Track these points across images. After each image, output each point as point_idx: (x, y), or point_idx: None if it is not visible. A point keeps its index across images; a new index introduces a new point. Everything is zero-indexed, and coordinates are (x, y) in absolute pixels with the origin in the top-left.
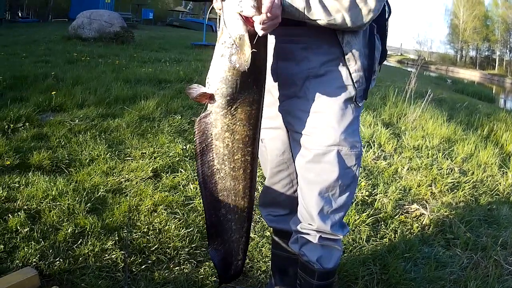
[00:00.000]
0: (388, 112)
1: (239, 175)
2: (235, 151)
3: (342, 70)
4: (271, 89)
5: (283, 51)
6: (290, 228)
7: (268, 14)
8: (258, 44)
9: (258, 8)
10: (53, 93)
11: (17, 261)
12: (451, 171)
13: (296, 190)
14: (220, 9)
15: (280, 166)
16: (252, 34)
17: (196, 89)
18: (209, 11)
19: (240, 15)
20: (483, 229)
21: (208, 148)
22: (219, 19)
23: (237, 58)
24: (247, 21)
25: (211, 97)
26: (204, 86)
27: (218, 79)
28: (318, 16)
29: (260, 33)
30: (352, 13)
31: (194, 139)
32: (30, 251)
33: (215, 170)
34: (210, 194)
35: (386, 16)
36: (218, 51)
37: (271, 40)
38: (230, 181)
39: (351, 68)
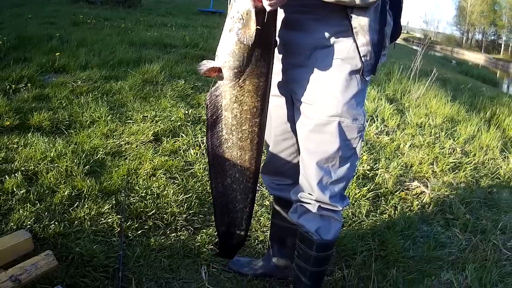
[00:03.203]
0: (393, 88)
1: (246, 145)
2: (243, 121)
3: (350, 42)
4: (279, 57)
5: (293, 21)
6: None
7: None
8: (267, 19)
9: None
10: (56, 54)
11: (12, 224)
12: (453, 151)
13: None
14: None
15: (284, 135)
16: (260, 10)
17: (205, 64)
18: None
19: None
20: (483, 211)
21: (218, 119)
22: None
23: (243, 33)
24: None
25: (219, 70)
26: (212, 59)
27: (226, 52)
28: None
29: (268, 8)
30: None
31: (206, 112)
32: (25, 213)
33: (223, 140)
34: (218, 164)
35: None
36: (227, 25)
37: (281, 10)
38: (237, 151)
39: (359, 41)
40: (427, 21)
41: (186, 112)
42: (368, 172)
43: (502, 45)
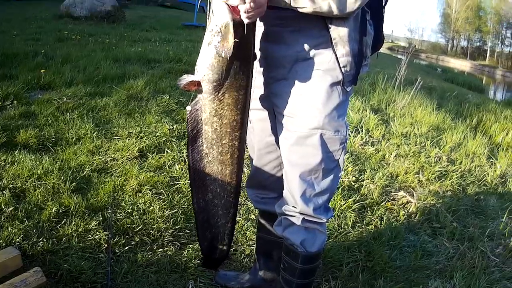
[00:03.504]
0: (377, 98)
1: (226, 160)
2: (223, 135)
3: (330, 54)
4: (260, 71)
5: (273, 34)
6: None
7: (252, 4)
8: (245, 31)
9: None
10: (42, 71)
11: (1, 241)
12: (439, 160)
13: None
14: None
15: (268, 148)
16: (238, 22)
17: (185, 79)
18: None
19: (227, 4)
20: (470, 219)
21: (198, 133)
22: (209, 6)
23: (221, 46)
24: (234, 10)
25: (199, 84)
26: (193, 74)
27: (205, 65)
28: (303, 4)
29: (246, 21)
30: (338, 1)
31: (187, 127)
32: (14, 230)
33: (203, 154)
34: (199, 179)
35: (383, 2)
36: (206, 39)
37: (261, 23)
38: (218, 165)
39: (338, 52)
40: (412, 29)
41: (171, 127)
42: (353, 183)
43: (488, 51)
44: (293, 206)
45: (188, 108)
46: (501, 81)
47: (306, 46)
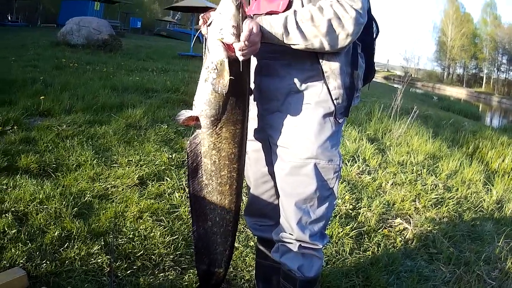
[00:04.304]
0: (374, 127)
1: (225, 190)
2: (221, 167)
3: (322, 86)
4: (255, 103)
5: (266, 67)
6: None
7: (246, 42)
8: (240, 67)
9: (238, 36)
10: (41, 98)
11: (4, 262)
12: (436, 187)
13: None
14: (206, 34)
15: (264, 177)
16: (234, 59)
17: (184, 114)
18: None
19: (222, 42)
20: (466, 244)
21: (198, 165)
22: (205, 44)
23: (217, 82)
24: (229, 47)
25: (197, 119)
26: (190, 109)
27: (202, 101)
28: (296, 41)
29: (241, 58)
30: (329, 38)
31: (187, 159)
32: (17, 252)
33: (203, 185)
34: (199, 208)
35: (374, 35)
36: (202, 76)
37: (254, 57)
38: (217, 196)
39: (331, 85)
40: (407, 58)
41: (170, 156)
42: (350, 211)
43: (484, 78)
44: (289, 233)
45: (187, 142)
46: (497, 107)
47: (297, 79)
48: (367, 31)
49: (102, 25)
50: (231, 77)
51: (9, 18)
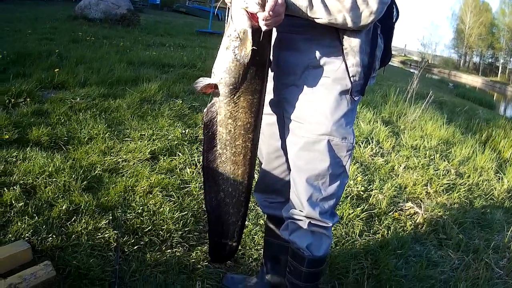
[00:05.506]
0: (389, 110)
1: (239, 160)
2: (236, 136)
3: (340, 63)
4: (272, 76)
5: (286, 41)
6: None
7: (271, 12)
8: (262, 38)
9: (263, 5)
10: (56, 70)
11: (10, 235)
12: (448, 173)
13: None
14: (229, 2)
15: (276, 152)
16: (256, 29)
17: (202, 81)
18: (216, 1)
19: (246, 11)
20: (475, 231)
21: (213, 134)
22: (228, 11)
23: (239, 51)
24: (252, 17)
25: (215, 87)
26: (208, 77)
27: (222, 69)
28: (319, 15)
29: (264, 28)
30: (353, 14)
31: (203, 128)
32: (23, 225)
33: (217, 154)
34: (212, 178)
35: (394, 19)
36: (223, 43)
37: (275, 29)
38: (231, 166)
39: (349, 62)
40: (425, 44)
41: (183, 131)
42: (362, 193)
43: (500, 68)
44: (299, 210)
45: (204, 110)
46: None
47: (317, 54)
48: (387, 13)
49: (120, 0)
50: (253, 47)
51: None
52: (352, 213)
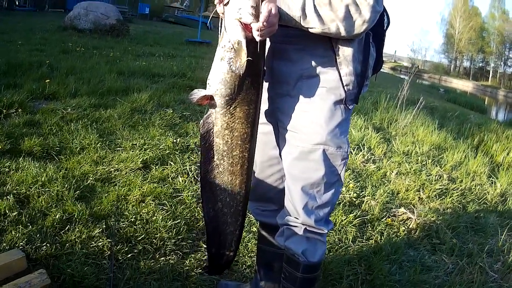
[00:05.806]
0: (380, 116)
1: (236, 170)
2: (233, 147)
3: (334, 72)
4: (266, 86)
5: (279, 51)
6: (277, 222)
7: (265, 23)
8: (257, 48)
9: (256, 16)
10: (46, 81)
11: (4, 244)
12: (440, 178)
13: None
14: (222, 13)
15: (270, 161)
16: (250, 40)
17: (197, 93)
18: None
19: (240, 21)
20: (469, 236)
21: (210, 145)
22: (221, 22)
23: (234, 62)
24: (246, 27)
25: (211, 98)
26: (202, 88)
27: (217, 80)
28: (313, 24)
29: (258, 39)
30: (346, 23)
31: (200, 139)
32: (17, 234)
33: (214, 165)
34: (209, 189)
35: (385, 26)
36: (218, 54)
37: (268, 40)
38: (228, 176)
39: (342, 71)
40: (415, 50)
41: (175, 140)
42: (354, 199)
43: (490, 72)
44: (295, 217)
45: (200, 122)
46: (503, 101)
47: (311, 64)
48: (379, 21)
49: (110, 10)
50: (248, 58)
51: (17, 3)
52: (345, 219)
